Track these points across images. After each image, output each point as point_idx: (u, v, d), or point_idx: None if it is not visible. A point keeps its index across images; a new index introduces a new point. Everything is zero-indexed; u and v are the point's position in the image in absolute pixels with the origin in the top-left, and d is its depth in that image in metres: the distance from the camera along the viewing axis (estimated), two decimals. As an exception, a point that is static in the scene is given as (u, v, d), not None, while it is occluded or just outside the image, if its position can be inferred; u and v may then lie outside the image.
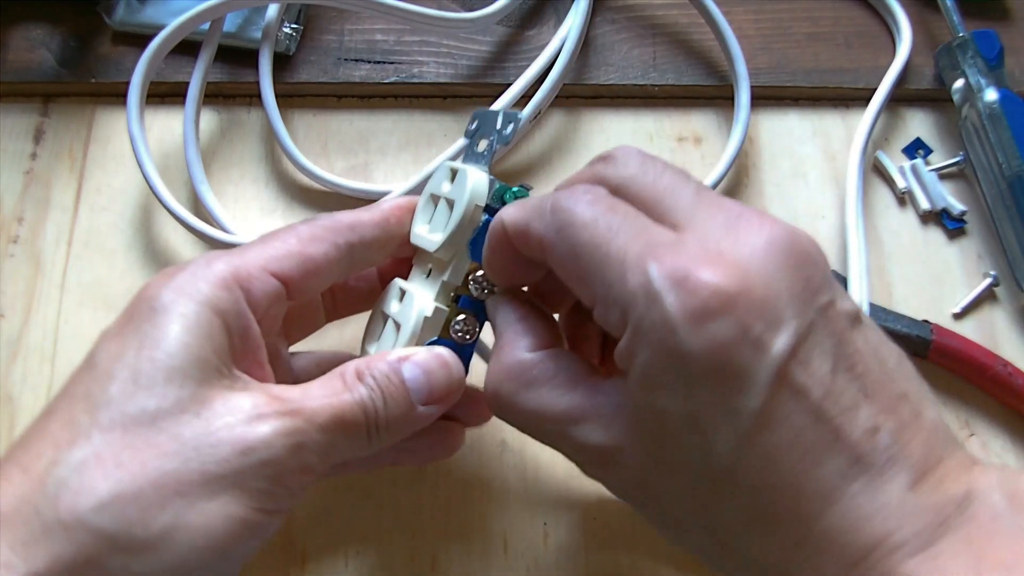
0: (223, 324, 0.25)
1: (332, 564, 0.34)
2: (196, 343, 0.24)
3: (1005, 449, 0.36)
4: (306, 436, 0.24)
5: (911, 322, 0.37)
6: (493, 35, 0.43)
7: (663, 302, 0.21)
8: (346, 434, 0.25)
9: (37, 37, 0.43)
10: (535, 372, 0.25)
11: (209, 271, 0.26)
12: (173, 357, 0.24)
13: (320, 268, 0.28)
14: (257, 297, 0.26)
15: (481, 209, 0.28)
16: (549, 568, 0.34)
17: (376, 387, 0.26)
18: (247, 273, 0.26)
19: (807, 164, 0.42)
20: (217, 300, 0.25)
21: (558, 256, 0.24)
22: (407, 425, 0.27)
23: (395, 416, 0.26)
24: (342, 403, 0.25)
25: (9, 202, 0.40)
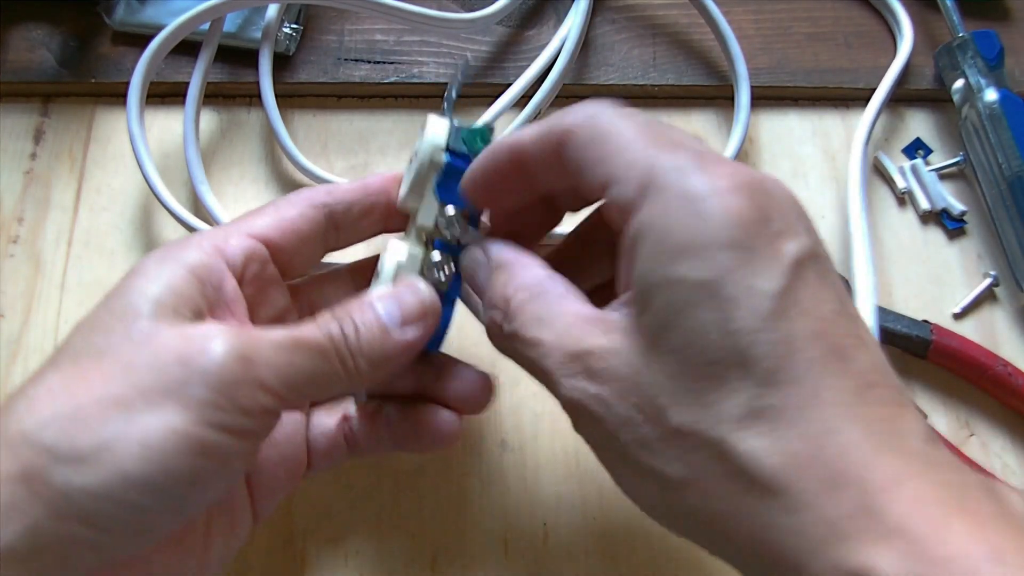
0: (190, 275, 0.26)
1: (332, 564, 0.34)
2: (154, 289, 0.25)
3: (1005, 449, 0.36)
4: (255, 351, 0.24)
5: (911, 322, 0.37)
6: (493, 35, 0.43)
7: (691, 173, 0.21)
8: (308, 355, 0.25)
9: (37, 37, 0.43)
10: (549, 284, 0.25)
11: (191, 237, 0.27)
12: (128, 300, 0.25)
13: (297, 227, 0.29)
14: (232, 253, 0.27)
15: (442, 150, 0.28)
16: (549, 568, 0.34)
17: (345, 316, 0.26)
18: (222, 235, 0.28)
19: (807, 164, 0.42)
20: (187, 258, 0.26)
21: (579, 140, 0.24)
22: (387, 350, 0.26)
23: (369, 340, 0.26)
24: (301, 328, 0.25)
25: (9, 202, 0.40)
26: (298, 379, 0.25)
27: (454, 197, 0.28)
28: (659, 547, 0.34)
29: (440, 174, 0.29)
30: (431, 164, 0.28)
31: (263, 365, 0.24)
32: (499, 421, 0.36)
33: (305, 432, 0.31)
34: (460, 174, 0.28)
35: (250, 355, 0.24)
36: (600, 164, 0.23)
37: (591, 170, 0.23)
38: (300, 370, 0.25)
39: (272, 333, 0.25)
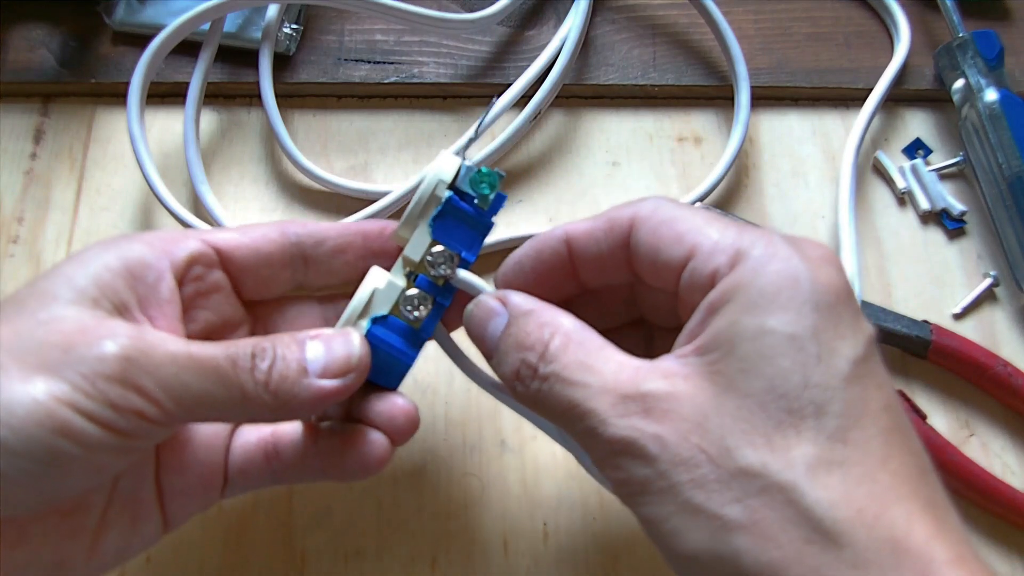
0: (124, 270, 0.26)
1: (332, 564, 0.34)
2: (81, 277, 0.25)
3: (1005, 449, 0.36)
4: (143, 355, 0.24)
5: (911, 322, 0.37)
6: (493, 35, 0.43)
7: (782, 245, 0.24)
8: (201, 375, 0.24)
9: (37, 37, 0.43)
10: (587, 332, 0.25)
11: (141, 233, 0.28)
12: (52, 283, 0.25)
13: (258, 245, 0.29)
14: (179, 252, 0.28)
15: (445, 186, 0.28)
16: (549, 568, 0.34)
17: (268, 346, 0.26)
18: (178, 236, 0.28)
19: (807, 164, 0.42)
20: (127, 250, 0.26)
21: (651, 226, 0.26)
22: (298, 392, 0.26)
23: (282, 377, 0.25)
24: (205, 346, 0.25)
25: (9, 202, 0.40)
26: (184, 396, 0.24)
27: (448, 236, 0.28)
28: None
29: (438, 210, 0.28)
30: (432, 198, 0.28)
31: (146, 371, 0.24)
32: (499, 421, 0.36)
33: (226, 444, 0.30)
34: (459, 214, 0.28)
35: (134, 357, 0.24)
36: (678, 242, 0.25)
37: (668, 249, 0.25)
38: (188, 387, 0.24)
39: (173, 343, 0.25)
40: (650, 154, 0.42)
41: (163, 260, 0.27)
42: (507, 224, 0.40)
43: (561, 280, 0.29)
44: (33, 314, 0.24)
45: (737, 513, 0.21)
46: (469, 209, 0.28)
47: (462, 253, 0.28)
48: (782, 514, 0.21)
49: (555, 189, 0.41)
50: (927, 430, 0.35)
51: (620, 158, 0.42)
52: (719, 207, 0.40)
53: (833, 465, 0.21)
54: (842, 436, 0.21)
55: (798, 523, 0.21)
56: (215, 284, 0.29)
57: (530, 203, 0.41)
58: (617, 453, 0.23)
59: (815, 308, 0.22)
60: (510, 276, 0.29)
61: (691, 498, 0.22)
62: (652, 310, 0.30)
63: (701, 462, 0.22)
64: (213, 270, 0.29)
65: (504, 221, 0.40)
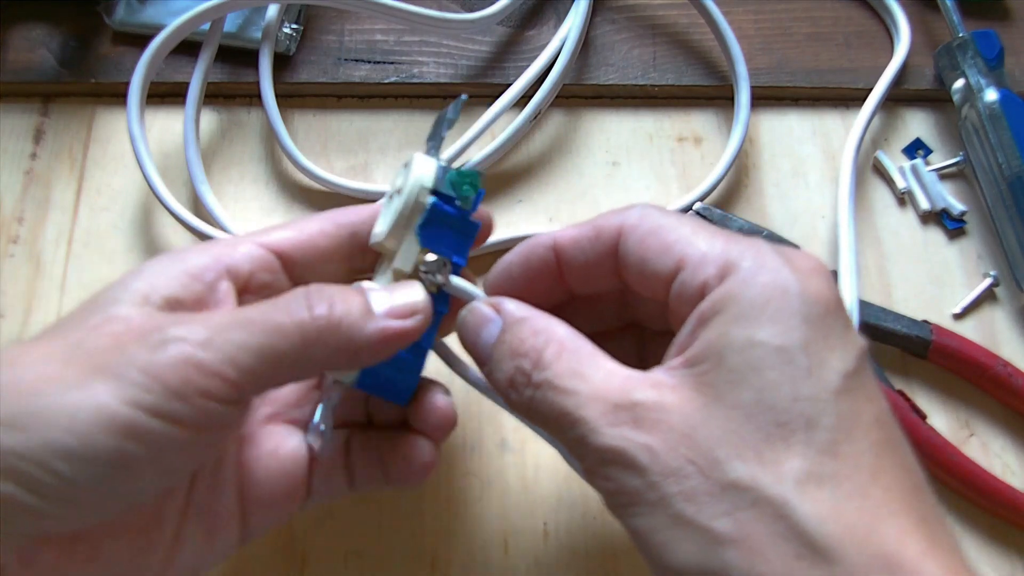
0: (177, 275, 0.26)
1: (332, 564, 0.34)
2: (140, 284, 0.25)
3: (1005, 449, 0.36)
4: (194, 333, 0.23)
5: (911, 322, 0.37)
6: (493, 35, 0.43)
7: (771, 256, 0.23)
8: (259, 332, 0.24)
9: (37, 37, 0.43)
10: (580, 341, 0.25)
11: (195, 245, 0.28)
12: (111, 292, 0.25)
13: (316, 242, 0.29)
14: (238, 260, 0.27)
15: (428, 191, 0.27)
16: (549, 568, 0.34)
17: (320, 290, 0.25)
18: (232, 243, 0.28)
19: (807, 164, 0.42)
20: (185, 259, 0.26)
21: (639, 235, 0.26)
22: (364, 326, 0.25)
23: (346, 311, 0.25)
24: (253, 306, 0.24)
25: (9, 202, 0.40)
26: (245, 360, 0.23)
27: (437, 243, 0.28)
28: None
29: (424, 217, 0.27)
30: (416, 205, 0.27)
31: (201, 346, 0.23)
32: (499, 421, 0.36)
33: (308, 454, 0.29)
34: (445, 218, 0.28)
35: (186, 337, 0.23)
36: (666, 253, 0.25)
37: (656, 260, 0.25)
38: (247, 350, 0.23)
39: (219, 315, 0.24)
40: (650, 154, 0.42)
41: (220, 262, 0.27)
42: (507, 224, 0.40)
43: (550, 286, 0.28)
44: (86, 322, 0.24)
45: (727, 527, 0.21)
46: (453, 212, 0.28)
47: (453, 259, 0.28)
48: (772, 528, 0.20)
49: (555, 189, 0.41)
50: (927, 430, 0.35)
51: (620, 158, 0.42)
52: (719, 207, 0.40)
53: (824, 479, 0.21)
54: (832, 450, 0.21)
55: (788, 538, 0.20)
56: (282, 289, 0.28)
57: (530, 203, 0.41)
58: (607, 462, 0.23)
59: (804, 320, 0.22)
60: (499, 282, 0.29)
61: (681, 511, 0.21)
62: (644, 315, 0.30)
63: (691, 474, 0.21)
64: (277, 276, 0.28)
65: (504, 221, 0.40)
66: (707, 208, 0.39)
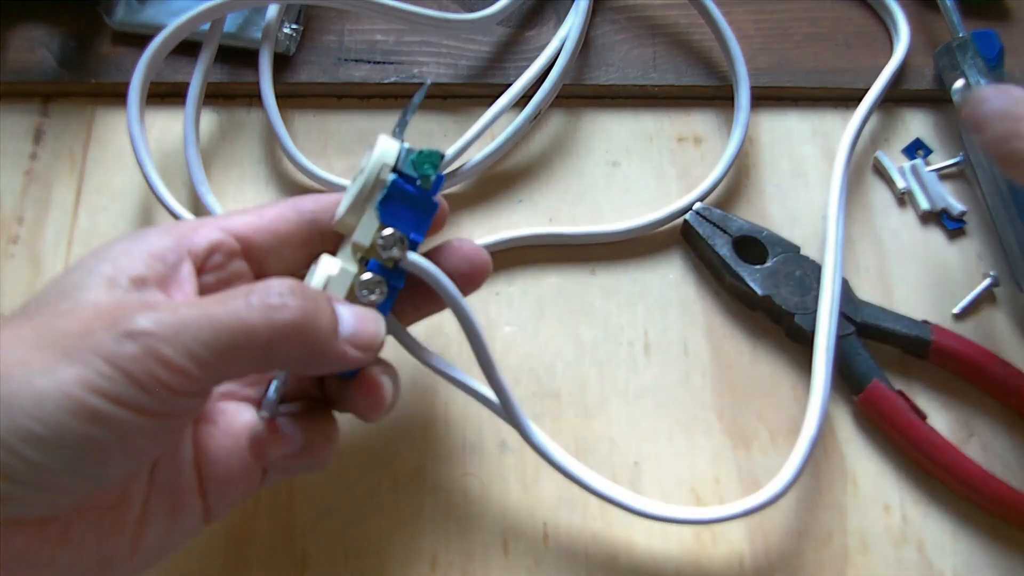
0: (140, 255, 0.26)
1: (332, 564, 0.34)
2: (105, 267, 0.25)
3: (1005, 449, 0.36)
4: (159, 326, 0.23)
5: (911, 322, 0.37)
6: (493, 35, 0.43)
7: None
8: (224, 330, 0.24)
9: (37, 37, 0.43)
10: None
11: (154, 227, 0.28)
12: (75, 276, 0.26)
13: (276, 227, 0.29)
14: (197, 241, 0.28)
15: (389, 169, 0.28)
16: (549, 568, 0.34)
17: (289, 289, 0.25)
18: (193, 225, 0.28)
19: (807, 164, 0.42)
20: (146, 240, 0.27)
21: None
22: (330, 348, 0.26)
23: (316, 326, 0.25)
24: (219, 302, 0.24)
25: (9, 202, 0.40)
26: (208, 357, 0.24)
27: (395, 219, 0.28)
28: (658, 547, 0.34)
29: (384, 194, 0.28)
30: (376, 182, 0.28)
31: (165, 341, 0.23)
32: (499, 421, 0.36)
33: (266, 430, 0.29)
34: (405, 196, 0.28)
35: (151, 330, 0.23)
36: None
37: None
38: (210, 347, 0.24)
39: (185, 308, 0.24)
40: (650, 154, 0.42)
41: (182, 244, 0.27)
42: (507, 224, 0.40)
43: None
44: (55, 306, 0.24)
45: None
46: (413, 191, 0.28)
47: (411, 235, 0.28)
48: None
49: (555, 189, 0.41)
50: (927, 430, 0.35)
51: (620, 158, 0.42)
52: (719, 207, 0.40)
53: None
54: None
55: None
56: (236, 272, 0.29)
57: (530, 203, 0.41)
58: None
59: None
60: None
61: None
62: None
63: None
64: (234, 259, 0.29)
65: (504, 221, 0.40)
66: (707, 208, 0.39)
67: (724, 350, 0.38)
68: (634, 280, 0.39)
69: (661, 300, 0.39)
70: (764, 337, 0.38)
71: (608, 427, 0.36)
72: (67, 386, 0.22)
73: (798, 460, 0.33)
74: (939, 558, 0.34)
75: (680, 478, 0.36)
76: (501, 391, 0.32)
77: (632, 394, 0.37)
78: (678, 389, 0.37)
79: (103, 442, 0.23)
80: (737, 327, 0.38)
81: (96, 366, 0.22)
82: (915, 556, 0.34)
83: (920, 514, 0.35)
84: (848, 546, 0.35)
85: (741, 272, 0.38)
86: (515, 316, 0.38)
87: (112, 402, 0.23)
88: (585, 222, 0.40)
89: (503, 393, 0.32)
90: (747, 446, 0.36)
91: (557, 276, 0.39)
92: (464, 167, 0.39)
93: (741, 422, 0.37)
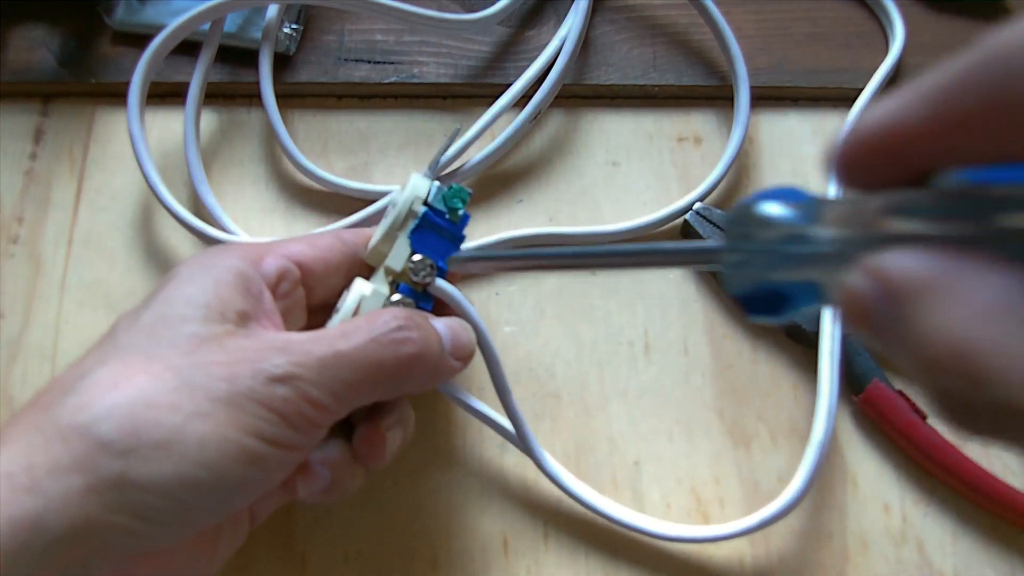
0: (233, 284, 0.27)
1: (332, 564, 0.34)
2: (200, 295, 0.26)
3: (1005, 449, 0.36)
4: (302, 368, 0.25)
5: (911, 322, 0.37)
6: (493, 35, 0.43)
7: None
8: (357, 368, 0.26)
9: (37, 37, 0.43)
10: None
11: (229, 248, 0.29)
12: (175, 307, 0.26)
13: (328, 257, 0.31)
14: (267, 269, 0.29)
15: (421, 201, 0.31)
16: (549, 568, 0.34)
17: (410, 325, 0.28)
18: (257, 251, 0.29)
19: (807, 164, 0.42)
20: (228, 266, 0.28)
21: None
22: (441, 367, 0.29)
23: (435, 359, 0.28)
24: (347, 340, 0.26)
25: (9, 202, 0.40)
26: (346, 393, 0.26)
27: (425, 247, 0.31)
28: (659, 547, 0.34)
29: (416, 224, 0.31)
30: (409, 213, 0.31)
31: (311, 383, 0.25)
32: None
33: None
34: (434, 227, 0.31)
35: (297, 374, 0.25)
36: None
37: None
38: (347, 384, 0.26)
39: (317, 346, 0.26)
40: (650, 154, 0.42)
41: (257, 273, 0.28)
42: (507, 224, 0.40)
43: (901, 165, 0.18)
44: (174, 344, 0.25)
45: None
46: (442, 223, 0.31)
47: (439, 263, 0.31)
48: None
49: (555, 189, 0.41)
50: (927, 430, 0.35)
51: (620, 158, 0.42)
52: (719, 207, 0.40)
53: None
54: None
55: None
56: (298, 299, 0.31)
57: (530, 203, 0.41)
58: None
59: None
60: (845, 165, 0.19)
61: None
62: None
63: None
64: (297, 286, 0.30)
65: (504, 221, 0.40)
66: (707, 208, 0.39)
67: (724, 350, 0.38)
68: (634, 280, 0.39)
69: (661, 300, 0.39)
70: (764, 337, 0.38)
71: (608, 427, 0.36)
72: (226, 430, 0.23)
73: (804, 474, 0.33)
74: (939, 558, 0.34)
75: (680, 478, 0.36)
76: (517, 421, 0.33)
77: (632, 394, 0.37)
78: (678, 389, 0.37)
79: (254, 480, 0.24)
80: (737, 327, 0.38)
81: (251, 409, 0.24)
82: (915, 556, 0.34)
83: (920, 514, 0.35)
84: (848, 546, 0.35)
85: (741, 272, 0.38)
86: (515, 316, 0.38)
87: (267, 443, 0.24)
88: (585, 222, 0.40)
89: (519, 423, 0.33)
90: (747, 446, 0.36)
91: (557, 276, 0.39)
92: (464, 167, 0.39)
93: (741, 422, 0.37)
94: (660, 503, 0.35)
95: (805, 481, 0.33)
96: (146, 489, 0.22)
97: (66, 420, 0.23)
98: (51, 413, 0.23)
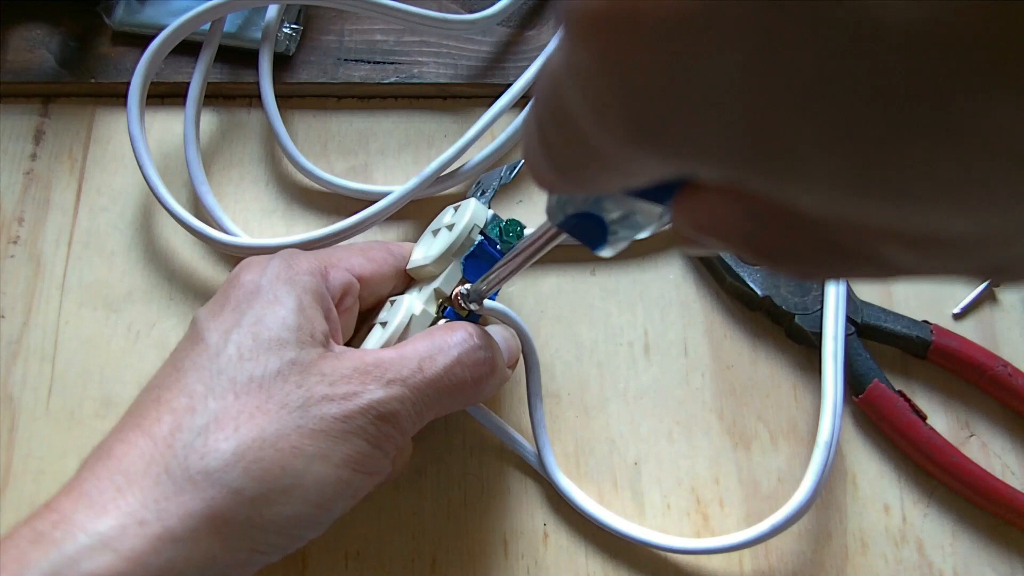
0: (314, 302, 0.28)
1: (332, 564, 0.34)
2: (292, 318, 0.27)
3: (1005, 450, 0.36)
4: (399, 402, 0.27)
5: (911, 322, 0.37)
6: (493, 35, 0.43)
7: None
8: (441, 392, 0.28)
9: (37, 37, 0.43)
10: None
11: (299, 261, 0.30)
12: (272, 331, 0.27)
13: (383, 270, 0.33)
14: (334, 284, 0.30)
15: (479, 229, 0.32)
16: (549, 568, 0.34)
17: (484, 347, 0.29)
18: (321, 264, 0.30)
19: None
20: (307, 283, 0.29)
21: None
22: (501, 379, 0.31)
23: (503, 373, 0.31)
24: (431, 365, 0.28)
25: (9, 202, 0.40)
26: (428, 414, 0.28)
27: (475, 274, 0.32)
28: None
29: (471, 250, 0.32)
30: (466, 240, 0.32)
31: (404, 414, 0.27)
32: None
33: None
34: (486, 255, 0.32)
35: (394, 410, 0.27)
36: None
37: None
38: (431, 406, 0.28)
39: (407, 372, 0.27)
40: (650, 154, 0.42)
41: (325, 289, 0.30)
42: (507, 224, 0.40)
43: None
44: (280, 374, 0.26)
45: None
46: (494, 252, 0.33)
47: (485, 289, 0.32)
48: None
49: (555, 189, 0.41)
50: (927, 430, 0.35)
51: (620, 158, 0.42)
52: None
53: None
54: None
55: None
56: (355, 312, 0.32)
57: (530, 203, 0.41)
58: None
59: None
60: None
61: None
62: None
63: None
64: (357, 299, 0.31)
65: (504, 221, 0.40)
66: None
67: (724, 350, 0.38)
68: (634, 280, 0.39)
69: (661, 300, 0.39)
70: (764, 337, 0.38)
71: (608, 427, 0.36)
72: (339, 471, 0.25)
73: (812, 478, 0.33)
74: (939, 558, 0.34)
75: (680, 478, 0.36)
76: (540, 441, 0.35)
77: (632, 394, 0.37)
78: (678, 389, 0.37)
79: (346, 507, 0.27)
80: (737, 327, 0.38)
81: (360, 447, 0.26)
82: (915, 556, 0.34)
83: (920, 514, 0.35)
84: (848, 546, 0.35)
85: (741, 273, 0.38)
86: (515, 316, 0.38)
87: (365, 473, 0.26)
88: (585, 222, 0.40)
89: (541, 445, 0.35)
90: (747, 446, 0.36)
91: (557, 276, 0.39)
92: (464, 167, 0.39)
93: (741, 422, 0.37)
94: (660, 503, 0.35)
95: (814, 485, 0.33)
96: (267, 529, 0.24)
97: (195, 464, 0.24)
98: (175, 452, 0.24)
